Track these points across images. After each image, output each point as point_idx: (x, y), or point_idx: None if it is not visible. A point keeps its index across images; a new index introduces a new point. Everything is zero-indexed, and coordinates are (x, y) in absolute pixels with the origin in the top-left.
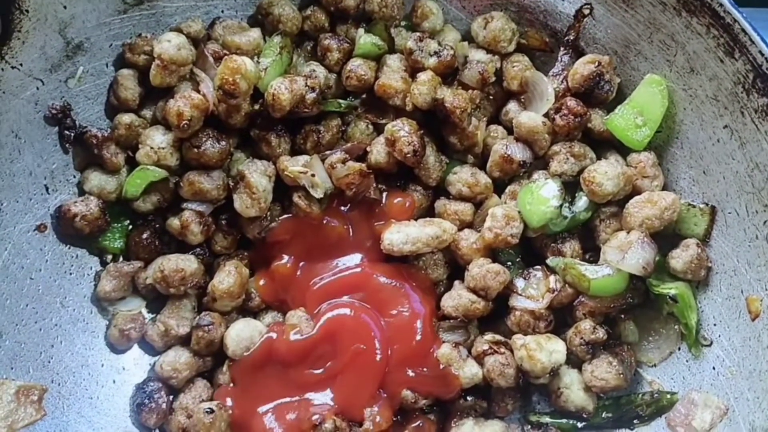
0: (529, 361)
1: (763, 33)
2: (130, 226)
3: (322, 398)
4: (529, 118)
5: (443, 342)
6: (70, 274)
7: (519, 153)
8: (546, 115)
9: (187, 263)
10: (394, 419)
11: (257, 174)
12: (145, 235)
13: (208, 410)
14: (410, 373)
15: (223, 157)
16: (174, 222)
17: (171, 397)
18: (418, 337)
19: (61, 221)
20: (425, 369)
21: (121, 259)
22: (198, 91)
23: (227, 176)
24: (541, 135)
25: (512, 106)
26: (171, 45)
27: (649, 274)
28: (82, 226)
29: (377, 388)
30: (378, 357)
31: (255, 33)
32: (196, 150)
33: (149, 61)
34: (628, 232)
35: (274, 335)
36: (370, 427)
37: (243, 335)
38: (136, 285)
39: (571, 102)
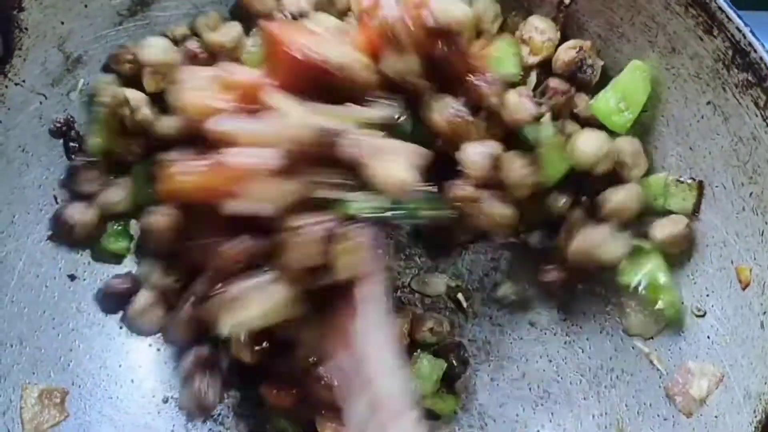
0: None
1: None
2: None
3: None
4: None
5: None
6: (84, 279)
7: None
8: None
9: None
10: None
11: None
12: None
13: None
14: None
15: None
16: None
17: None
18: None
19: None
20: None
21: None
22: None
23: None
24: None
25: None
26: (157, 49)
27: None
28: (80, 233)
29: None
30: None
31: (236, 28)
32: None
33: (134, 69)
34: None
35: None
36: None
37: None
38: None
39: (553, 81)
